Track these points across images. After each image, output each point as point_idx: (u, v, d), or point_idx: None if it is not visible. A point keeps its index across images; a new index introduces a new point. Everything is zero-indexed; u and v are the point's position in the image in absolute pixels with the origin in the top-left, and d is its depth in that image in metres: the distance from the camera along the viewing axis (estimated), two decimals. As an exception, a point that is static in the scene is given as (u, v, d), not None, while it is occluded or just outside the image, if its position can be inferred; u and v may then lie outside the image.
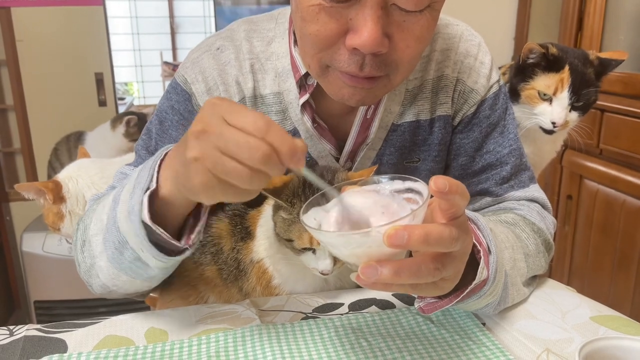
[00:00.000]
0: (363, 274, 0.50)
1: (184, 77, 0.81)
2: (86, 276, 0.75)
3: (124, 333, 0.68)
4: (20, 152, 2.54)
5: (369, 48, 0.61)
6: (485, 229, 0.63)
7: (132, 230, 0.62)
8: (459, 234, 0.51)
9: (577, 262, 2.12)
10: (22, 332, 0.68)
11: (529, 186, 0.88)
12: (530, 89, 1.24)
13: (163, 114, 0.83)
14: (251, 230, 0.81)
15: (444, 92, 0.84)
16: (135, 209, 0.61)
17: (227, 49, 0.81)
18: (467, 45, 0.84)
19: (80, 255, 0.75)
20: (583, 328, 0.68)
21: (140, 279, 0.70)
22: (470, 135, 0.86)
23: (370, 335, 0.66)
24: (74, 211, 1.37)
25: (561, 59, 1.21)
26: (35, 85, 2.47)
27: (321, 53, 0.65)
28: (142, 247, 0.63)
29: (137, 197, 0.61)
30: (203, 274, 0.83)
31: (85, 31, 2.51)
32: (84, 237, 0.74)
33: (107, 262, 0.69)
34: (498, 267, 0.62)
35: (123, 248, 0.65)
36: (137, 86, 4.00)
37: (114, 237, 0.66)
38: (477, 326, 0.68)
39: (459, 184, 0.50)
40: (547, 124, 1.24)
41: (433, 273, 0.51)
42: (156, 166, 0.63)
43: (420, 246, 0.48)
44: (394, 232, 0.47)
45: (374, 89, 0.68)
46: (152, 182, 0.62)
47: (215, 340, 0.65)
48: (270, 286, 0.80)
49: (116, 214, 0.65)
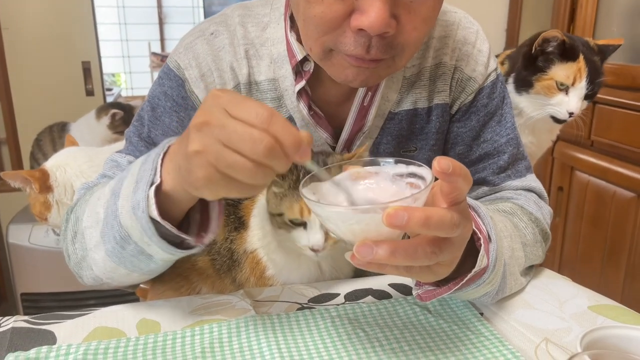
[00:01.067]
0: (358, 252, 0.49)
1: (177, 63, 0.79)
2: (76, 268, 0.74)
3: (114, 324, 0.66)
4: (5, 142, 2.50)
5: (376, 29, 0.59)
6: (486, 217, 0.62)
7: (138, 225, 0.60)
8: (460, 220, 0.50)
9: (568, 254, 2.13)
10: (9, 324, 0.66)
11: (525, 176, 0.88)
12: (549, 79, 1.23)
13: (155, 100, 0.81)
14: (245, 221, 0.80)
15: (441, 80, 0.83)
16: (141, 204, 0.59)
17: (222, 34, 0.79)
18: (465, 32, 0.83)
19: (71, 246, 0.73)
20: (581, 317, 0.68)
21: (138, 273, 0.69)
22: (468, 124, 0.85)
23: (367, 325, 0.65)
24: (62, 201, 1.35)
25: (576, 48, 1.21)
26: (21, 74, 2.43)
27: (325, 36, 0.64)
28: (150, 242, 0.61)
29: (142, 193, 0.60)
30: (195, 265, 0.82)
31: (72, 19, 2.47)
32: (75, 228, 0.72)
33: (105, 256, 0.67)
34: (498, 256, 0.61)
35: (125, 242, 0.64)
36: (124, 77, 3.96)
37: (114, 232, 0.64)
38: (475, 316, 0.67)
39: (462, 167, 0.49)
40: (563, 114, 1.23)
41: (429, 256, 0.50)
42: (159, 159, 0.61)
43: (419, 229, 0.47)
44: (394, 212, 0.46)
45: (378, 69, 0.67)
46: (157, 176, 0.60)
47: (210, 331, 0.64)
48: (264, 277, 0.78)
49: (117, 209, 0.63)
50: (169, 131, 0.79)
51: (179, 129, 0.79)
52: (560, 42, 1.20)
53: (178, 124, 0.79)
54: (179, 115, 0.79)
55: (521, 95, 1.28)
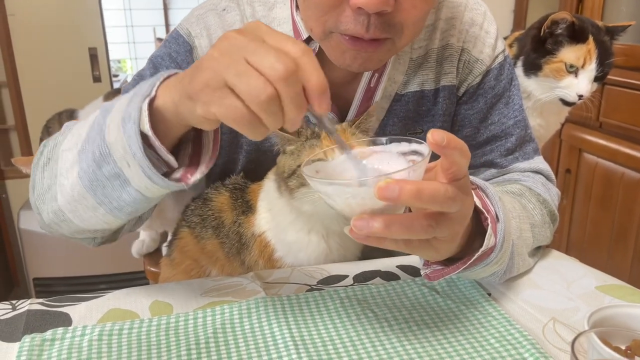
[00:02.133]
0: (355, 226, 0.49)
1: (188, 30, 0.80)
2: (39, 200, 0.70)
3: (128, 306, 0.67)
4: (14, 129, 2.51)
5: (374, 6, 0.59)
6: (494, 197, 0.63)
7: (123, 139, 0.56)
8: (456, 195, 0.50)
9: (575, 236, 2.13)
10: (25, 307, 0.67)
11: (533, 158, 0.88)
12: (558, 61, 1.22)
13: (159, 60, 0.81)
14: (252, 204, 0.81)
15: (448, 62, 0.82)
16: (132, 115, 0.56)
17: (233, 10, 0.80)
18: (473, 14, 0.83)
19: (40, 174, 0.69)
20: (588, 297, 0.68)
21: (105, 207, 0.63)
22: (475, 106, 0.85)
23: (376, 306, 0.66)
24: None
25: (585, 30, 1.19)
26: (29, 61, 2.43)
27: (325, 16, 0.64)
28: (132, 159, 0.57)
29: (136, 105, 0.57)
30: (205, 248, 0.83)
31: (78, 5, 2.46)
32: (50, 155, 0.68)
33: (76, 178, 0.62)
34: (505, 236, 0.61)
35: (103, 161, 0.59)
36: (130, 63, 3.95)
37: (95, 147, 0.60)
38: (482, 296, 0.68)
39: (457, 140, 0.49)
40: (572, 97, 1.22)
41: (426, 229, 0.51)
42: (160, 78, 0.59)
43: (411, 201, 0.47)
44: (385, 185, 0.47)
45: (377, 53, 0.67)
46: (153, 91, 0.57)
47: (221, 312, 0.65)
48: (272, 259, 0.79)
49: (105, 122, 0.59)
50: None
51: None
52: (569, 24, 1.19)
53: None
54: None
55: (530, 79, 1.27)
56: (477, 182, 0.65)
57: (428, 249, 0.55)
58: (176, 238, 0.87)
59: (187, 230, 0.85)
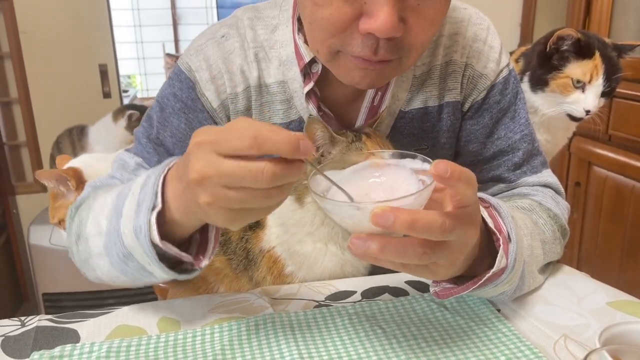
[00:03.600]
0: (352, 244, 0.51)
1: (188, 65, 0.80)
2: (80, 265, 0.75)
3: (136, 323, 0.68)
4: (25, 145, 2.54)
5: (385, 33, 0.59)
6: (507, 217, 0.62)
7: (140, 247, 0.61)
8: (454, 226, 0.51)
9: (586, 250, 2.11)
10: (34, 323, 0.67)
11: (541, 171, 0.87)
12: (564, 77, 1.22)
13: (164, 101, 0.82)
14: (260, 219, 0.80)
15: (452, 78, 0.82)
16: (143, 229, 0.60)
17: (232, 37, 0.80)
18: (476, 29, 0.83)
19: (75, 247, 0.74)
20: (600, 313, 0.68)
21: (142, 282, 0.70)
22: (481, 121, 0.85)
23: (385, 322, 0.66)
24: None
25: (591, 45, 1.19)
26: (40, 78, 2.46)
27: (332, 38, 0.64)
28: (151, 262, 0.62)
29: (144, 217, 0.60)
30: (212, 265, 0.82)
31: (88, 23, 2.49)
32: (79, 231, 0.72)
33: (109, 266, 0.68)
34: (517, 257, 0.61)
35: (128, 260, 0.65)
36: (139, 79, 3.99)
37: (117, 249, 0.65)
38: (492, 313, 0.67)
39: (463, 171, 0.50)
40: (579, 112, 1.22)
41: (420, 256, 0.52)
42: (159, 183, 0.61)
43: (405, 231, 0.48)
44: (381, 212, 0.48)
45: (385, 71, 0.67)
46: (158, 201, 0.60)
47: (228, 329, 0.65)
48: (282, 274, 0.79)
49: (120, 227, 0.64)
50: (177, 133, 0.80)
51: (187, 130, 0.80)
52: (575, 40, 1.19)
53: (186, 125, 0.80)
54: (188, 117, 0.80)
55: (536, 94, 1.27)
56: (490, 201, 0.65)
57: (425, 272, 0.56)
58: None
59: None
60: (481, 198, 0.66)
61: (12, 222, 2.49)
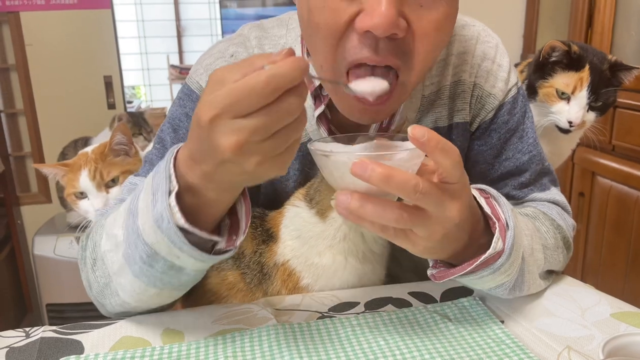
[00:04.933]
0: (337, 199, 0.53)
1: (199, 84, 0.79)
2: (99, 296, 0.71)
3: (139, 334, 0.68)
4: (30, 156, 2.55)
5: (383, 29, 0.56)
6: (505, 206, 0.63)
7: (164, 239, 0.58)
8: (431, 191, 0.52)
9: (591, 260, 2.10)
10: (38, 334, 0.67)
11: (550, 189, 0.87)
12: (549, 87, 1.23)
13: (177, 122, 0.81)
14: (273, 232, 0.80)
15: (461, 98, 0.82)
16: (164, 215, 0.57)
17: (241, 54, 0.79)
18: (484, 47, 0.82)
19: (92, 274, 0.70)
20: (604, 325, 0.67)
21: (169, 289, 0.66)
22: (489, 142, 0.84)
23: (388, 333, 0.66)
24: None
25: (583, 58, 1.20)
26: (45, 89, 2.48)
27: (332, 49, 0.62)
28: (179, 252, 0.59)
29: (162, 203, 0.57)
30: (225, 280, 0.82)
31: (93, 35, 2.52)
32: (94, 255, 0.69)
33: (133, 278, 0.64)
34: (515, 245, 0.61)
35: (153, 261, 0.61)
36: (144, 89, 4.02)
37: (140, 252, 0.61)
38: (495, 324, 0.67)
39: (442, 140, 0.51)
40: (563, 123, 1.23)
41: (397, 219, 0.53)
42: (171, 165, 0.59)
43: (380, 184, 0.50)
44: (360, 163, 0.49)
45: (384, 109, 0.66)
46: (173, 183, 0.57)
47: (232, 340, 0.65)
48: (297, 287, 0.78)
49: (138, 227, 0.60)
50: None
51: None
52: (564, 52, 1.20)
53: None
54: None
55: (531, 103, 1.28)
56: (490, 192, 0.65)
57: (404, 239, 0.57)
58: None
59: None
60: (482, 189, 0.67)
61: (17, 233, 2.50)
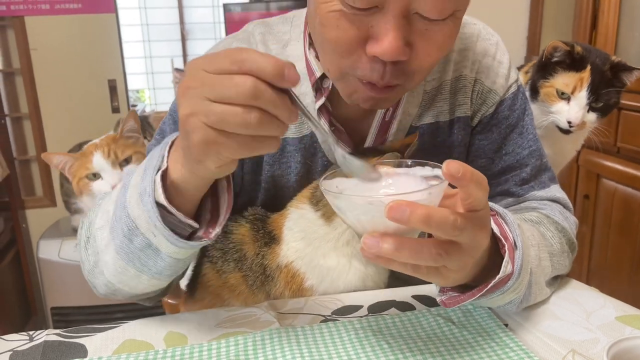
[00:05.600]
0: (365, 244, 0.50)
1: None
2: (90, 276, 0.73)
3: (143, 337, 0.68)
4: (35, 160, 2.56)
5: (389, 56, 0.60)
6: (513, 224, 0.62)
7: (145, 213, 0.60)
8: (466, 225, 0.50)
9: (596, 263, 2.09)
10: (42, 337, 0.68)
11: (549, 186, 0.87)
12: (549, 86, 1.23)
13: (177, 114, 0.82)
14: (275, 235, 0.80)
15: (462, 93, 0.83)
16: (147, 189, 0.59)
17: None
18: (485, 44, 0.83)
19: (84, 252, 0.72)
20: (608, 328, 0.67)
21: (147, 274, 0.67)
22: (489, 137, 0.85)
23: (391, 337, 0.65)
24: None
25: (585, 59, 1.20)
26: (50, 93, 2.49)
27: (341, 60, 0.64)
28: (155, 230, 0.60)
29: (149, 178, 0.60)
30: (227, 282, 0.82)
31: (98, 39, 2.53)
32: (88, 233, 0.72)
33: (114, 254, 0.66)
34: (524, 264, 0.61)
35: (132, 235, 0.62)
36: (148, 93, 4.03)
37: (122, 224, 0.63)
38: (499, 327, 0.67)
39: (475, 172, 0.49)
40: (563, 123, 1.23)
41: (434, 257, 0.51)
42: (167, 147, 0.62)
43: (420, 225, 0.48)
44: (396, 205, 0.47)
45: (389, 96, 0.67)
46: (163, 162, 0.61)
47: (235, 343, 0.65)
48: (302, 289, 0.78)
49: (126, 199, 0.63)
50: None
51: None
52: (565, 52, 1.20)
53: None
54: None
55: (533, 103, 1.28)
56: (496, 209, 0.65)
57: (436, 275, 0.55)
58: (198, 274, 0.86)
59: (209, 265, 0.84)
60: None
61: (22, 236, 2.51)
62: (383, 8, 0.59)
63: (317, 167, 0.83)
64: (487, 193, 0.52)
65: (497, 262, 0.60)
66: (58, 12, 2.43)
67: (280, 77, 0.49)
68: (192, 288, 0.88)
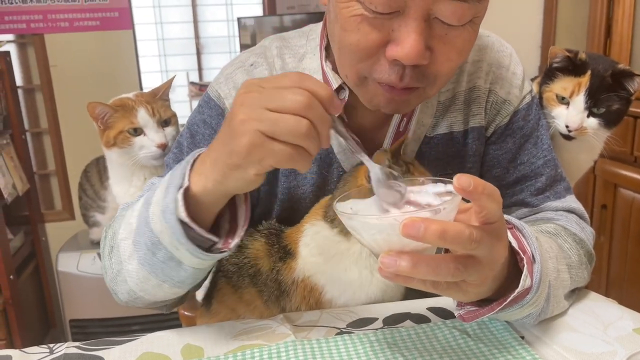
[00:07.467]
0: (382, 262, 0.50)
1: (218, 92, 0.82)
2: (112, 283, 0.75)
3: (160, 350, 0.68)
4: (55, 174, 2.60)
5: (411, 60, 0.61)
6: (531, 238, 0.62)
7: (167, 229, 0.62)
8: (482, 238, 0.50)
9: (615, 274, 2.06)
10: (62, 350, 0.69)
11: (565, 197, 0.87)
12: (549, 91, 1.24)
13: (195, 128, 0.84)
14: (290, 249, 0.80)
15: (476, 103, 0.83)
16: (170, 207, 0.61)
17: (261, 65, 0.82)
18: (499, 55, 0.84)
19: (108, 261, 0.74)
20: (626, 340, 0.66)
21: (169, 283, 0.69)
22: (504, 147, 0.85)
23: (406, 349, 0.66)
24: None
25: (586, 65, 1.20)
26: (69, 109, 2.53)
27: (360, 64, 0.65)
28: (178, 244, 0.62)
29: (171, 196, 0.62)
30: (242, 297, 0.82)
31: (115, 55, 2.57)
32: (112, 243, 0.74)
33: (138, 265, 0.68)
34: (542, 277, 0.60)
35: (156, 248, 0.65)
36: (165, 107, 4.08)
37: (146, 238, 0.65)
38: (515, 340, 0.66)
39: (486, 185, 0.50)
40: (562, 128, 1.22)
41: (453, 273, 0.51)
42: (188, 166, 0.64)
43: (436, 241, 0.48)
44: (411, 222, 0.47)
45: (409, 98, 0.68)
46: (185, 180, 0.63)
47: (251, 356, 0.65)
48: (320, 302, 0.78)
49: (149, 215, 0.65)
50: None
51: None
52: (565, 57, 1.20)
53: None
54: None
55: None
56: (513, 222, 0.65)
57: (456, 291, 0.55)
58: (214, 288, 0.87)
59: (224, 280, 0.84)
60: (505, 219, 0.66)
61: (41, 250, 2.54)
62: (404, 12, 0.60)
63: (333, 177, 0.83)
64: (500, 205, 0.52)
65: (515, 275, 0.60)
66: (77, 30, 2.47)
67: (330, 101, 0.55)
68: (208, 302, 0.89)
